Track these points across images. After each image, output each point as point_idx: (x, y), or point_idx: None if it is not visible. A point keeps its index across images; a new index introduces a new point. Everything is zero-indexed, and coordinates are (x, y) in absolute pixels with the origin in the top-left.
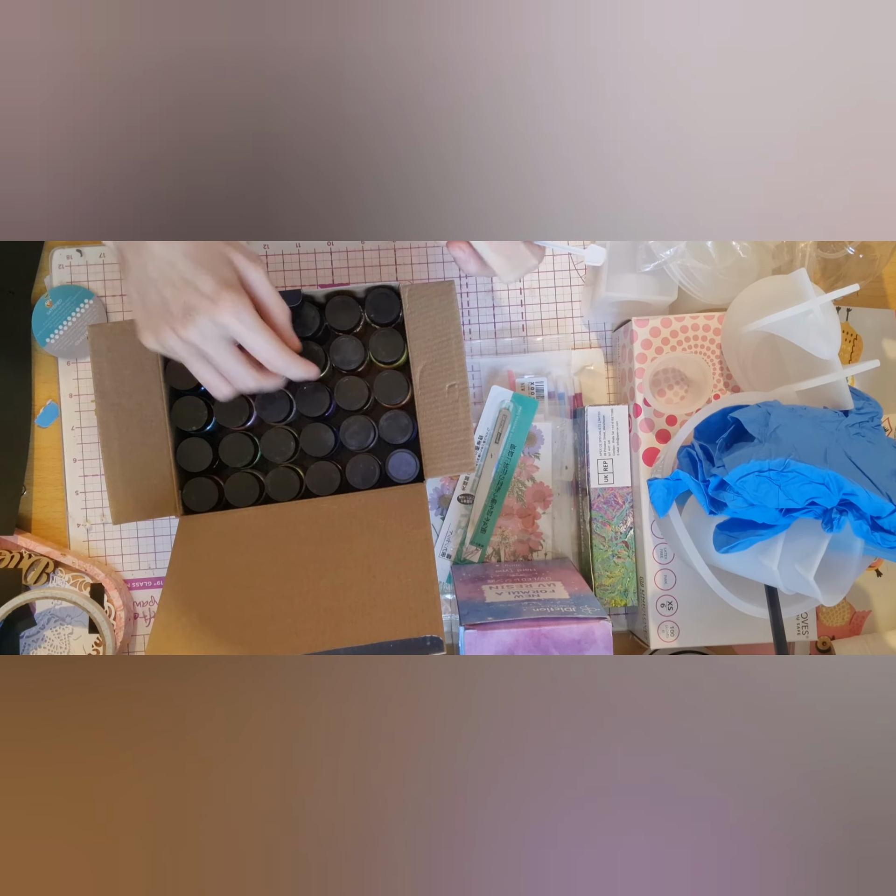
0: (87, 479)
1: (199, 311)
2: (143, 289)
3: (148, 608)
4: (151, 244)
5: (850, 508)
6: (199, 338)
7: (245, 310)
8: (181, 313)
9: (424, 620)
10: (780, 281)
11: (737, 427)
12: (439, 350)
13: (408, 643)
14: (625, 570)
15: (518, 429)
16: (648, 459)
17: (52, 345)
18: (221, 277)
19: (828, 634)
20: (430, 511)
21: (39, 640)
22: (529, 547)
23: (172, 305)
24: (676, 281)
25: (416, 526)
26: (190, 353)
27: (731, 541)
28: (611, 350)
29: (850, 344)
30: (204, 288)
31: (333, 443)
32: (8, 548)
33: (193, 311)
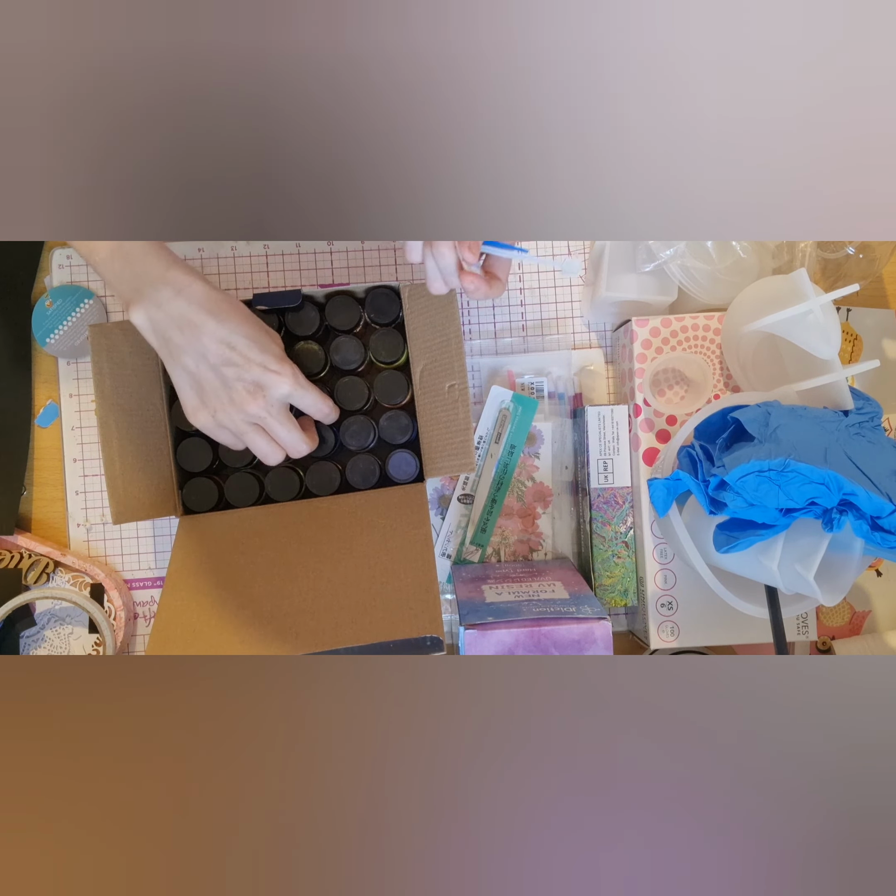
0: (87, 479)
1: (269, 385)
2: (200, 372)
3: (148, 608)
4: (206, 324)
5: (850, 508)
6: (266, 411)
7: (301, 375)
8: (251, 389)
9: (424, 620)
10: (780, 281)
11: (737, 427)
12: (439, 350)
13: (408, 643)
14: (625, 570)
15: (518, 429)
16: (648, 459)
17: (52, 345)
18: (277, 352)
19: (828, 634)
20: (430, 511)
21: (39, 640)
22: (529, 547)
23: (236, 383)
24: (676, 281)
25: (416, 526)
26: (249, 428)
27: (731, 541)
28: (611, 350)
29: (850, 344)
30: (271, 365)
31: (333, 443)
32: (8, 548)
33: (264, 387)
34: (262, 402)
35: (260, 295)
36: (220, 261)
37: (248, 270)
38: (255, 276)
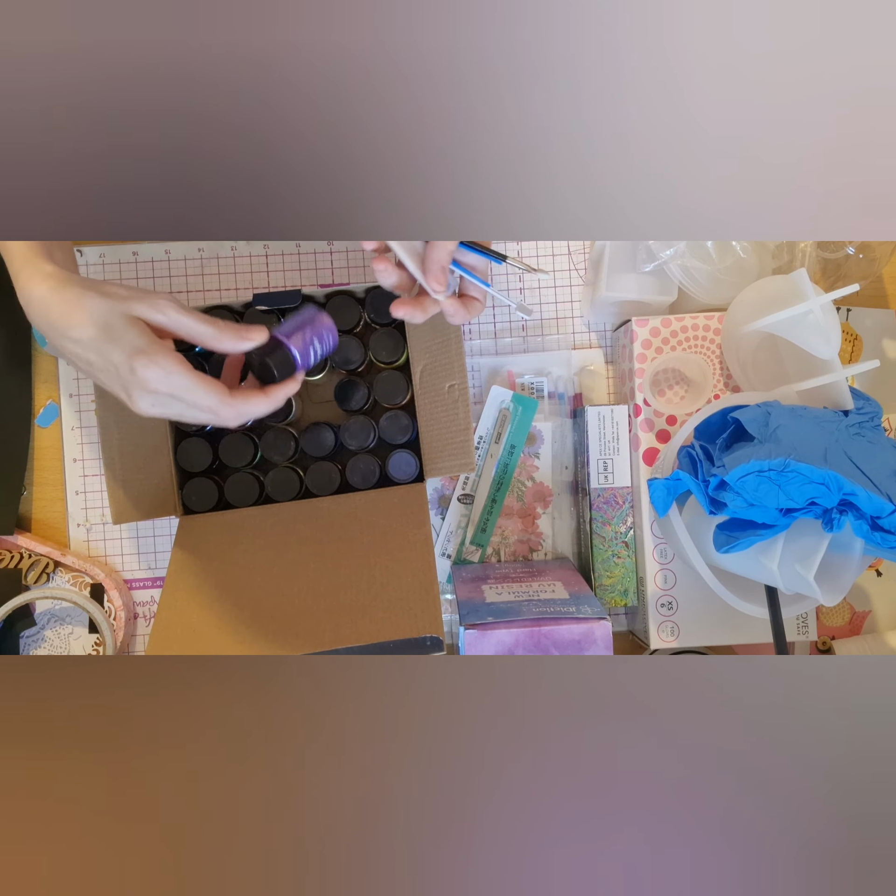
0: (87, 479)
1: (134, 387)
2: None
3: (148, 608)
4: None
5: (850, 508)
6: (157, 408)
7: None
8: (126, 397)
9: (424, 620)
10: (780, 281)
11: (737, 427)
12: (439, 350)
13: (408, 643)
14: (625, 570)
15: (518, 429)
16: (648, 459)
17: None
18: (128, 348)
19: (828, 634)
20: (430, 511)
21: (39, 640)
22: (529, 547)
23: (118, 392)
24: (676, 281)
25: (416, 526)
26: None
27: (731, 541)
28: (611, 350)
29: (850, 344)
30: (121, 369)
31: (333, 443)
32: (8, 548)
33: (131, 390)
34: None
35: (260, 295)
36: (220, 261)
37: (248, 270)
38: (255, 276)
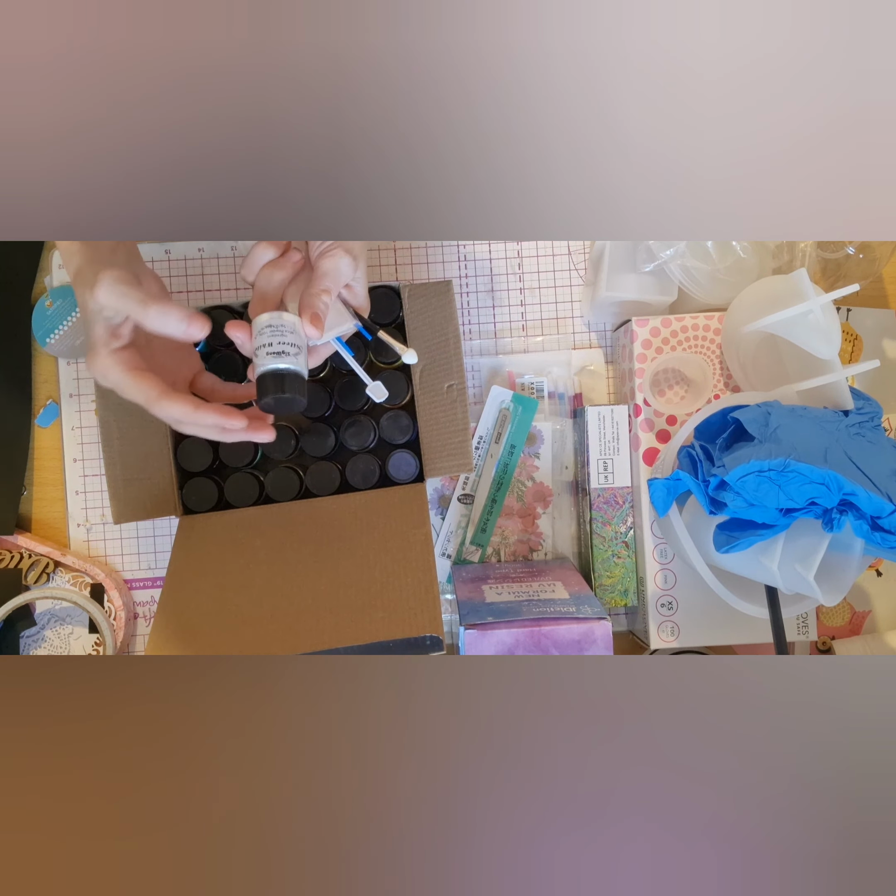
0: (87, 479)
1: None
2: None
3: (148, 608)
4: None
5: (850, 508)
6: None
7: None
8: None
9: (424, 620)
10: (780, 281)
11: (737, 427)
12: (438, 350)
13: (408, 643)
14: (625, 570)
15: (518, 429)
16: (648, 459)
17: (52, 345)
18: (91, 337)
19: (828, 634)
20: (430, 511)
21: (39, 640)
22: (529, 547)
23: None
24: (676, 281)
25: (416, 526)
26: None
27: (731, 541)
28: (611, 350)
29: (850, 344)
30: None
31: (333, 443)
32: (8, 548)
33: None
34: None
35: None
36: (220, 261)
37: None
38: None
